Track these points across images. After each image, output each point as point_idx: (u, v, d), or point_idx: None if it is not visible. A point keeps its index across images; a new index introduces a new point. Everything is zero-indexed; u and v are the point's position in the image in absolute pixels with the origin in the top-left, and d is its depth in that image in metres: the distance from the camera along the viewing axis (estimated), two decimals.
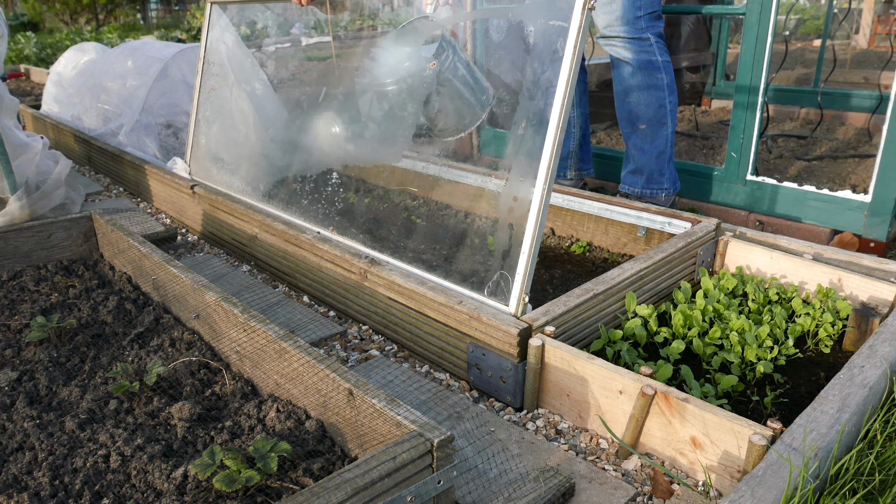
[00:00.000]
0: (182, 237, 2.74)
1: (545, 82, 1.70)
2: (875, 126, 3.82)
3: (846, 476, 1.16)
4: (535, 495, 1.22)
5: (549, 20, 1.75)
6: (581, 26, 1.46)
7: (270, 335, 1.42)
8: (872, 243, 2.37)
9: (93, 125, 3.84)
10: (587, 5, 1.45)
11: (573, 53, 1.47)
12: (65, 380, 1.53)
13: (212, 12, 2.64)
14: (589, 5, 1.45)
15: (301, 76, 3.10)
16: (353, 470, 1.01)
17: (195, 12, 11.40)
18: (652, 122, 2.51)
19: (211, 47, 2.68)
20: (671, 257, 1.89)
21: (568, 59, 1.48)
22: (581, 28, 1.46)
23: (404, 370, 1.70)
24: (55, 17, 19.56)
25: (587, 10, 1.45)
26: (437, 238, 2.36)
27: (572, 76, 1.48)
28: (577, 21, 1.46)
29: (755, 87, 2.54)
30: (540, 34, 1.83)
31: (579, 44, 1.47)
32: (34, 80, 7.27)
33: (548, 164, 1.51)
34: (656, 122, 2.50)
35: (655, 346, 1.72)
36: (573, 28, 1.47)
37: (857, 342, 1.70)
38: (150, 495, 1.16)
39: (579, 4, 1.46)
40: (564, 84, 1.48)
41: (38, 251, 2.14)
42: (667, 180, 2.58)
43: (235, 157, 2.78)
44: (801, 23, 9.71)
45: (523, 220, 1.57)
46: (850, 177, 3.02)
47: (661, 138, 2.52)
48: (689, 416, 1.26)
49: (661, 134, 2.52)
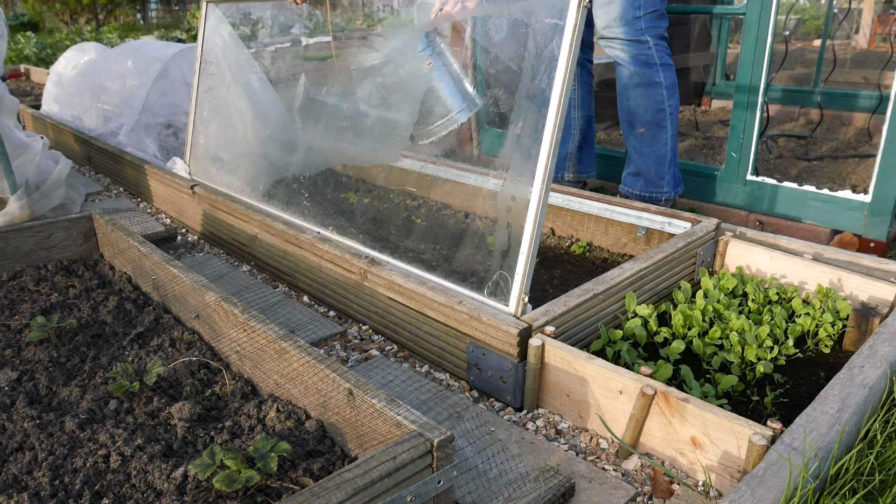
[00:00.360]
0: (182, 237, 2.74)
1: (541, 81, 1.70)
2: (875, 126, 3.82)
3: (846, 476, 1.16)
4: (535, 495, 1.22)
5: (545, 18, 1.75)
6: (577, 24, 1.45)
7: (270, 335, 1.42)
8: (872, 243, 2.37)
9: (93, 125, 3.84)
10: (583, 3, 1.44)
11: (569, 52, 1.46)
12: (65, 380, 1.53)
13: (208, 11, 2.63)
14: (584, 3, 1.44)
15: (300, 76, 3.10)
16: (353, 470, 1.01)
17: (195, 12, 11.40)
18: (650, 125, 2.49)
19: (208, 47, 2.67)
20: (671, 257, 1.89)
21: (564, 59, 1.47)
22: (577, 26, 1.45)
23: (404, 370, 1.70)
24: (55, 17, 19.56)
25: (583, 8, 1.45)
26: (436, 238, 2.36)
27: (569, 75, 1.47)
28: (573, 18, 1.46)
29: (755, 87, 2.54)
30: (537, 32, 1.83)
31: (575, 42, 1.46)
32: (34, 80, 7.27)
33: (545, 164, 1.51)
34: (655, 125, 2.49)
35: (655, 346, 1.72)
36: (569, 25, 1.46)
37: (857, 342, 1.70)
38: (150, 495, 1.16)
39: (575, 2, 1.45)
40: (561, 83, 1.48)
41: (38, 251, 2.14)
42: (667, 184, 2.56)
43: (235, 156, 2.78)
44: (801, 23, 9.71)
45: (522, 219, 1.57)
46: (850, 177, 3.02)
47: (660, 142, 2.50)
48: (689, 416, 1.26)
49: (660, 137, 2.50)
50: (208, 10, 2.63)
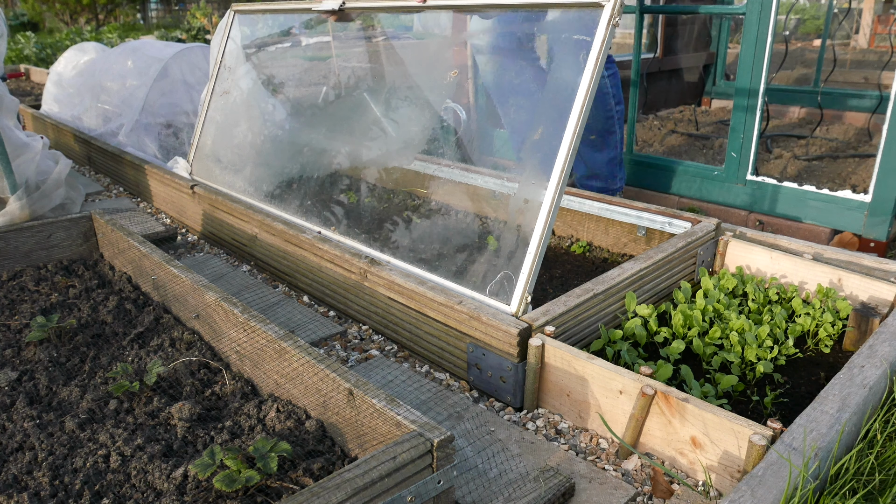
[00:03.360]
0: (182, 237, 2.74)
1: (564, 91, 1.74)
2: (875, 126, 3.82)
3: (846, 476, 1.16)
4: (535, 495, 1.22)
5: (572, 34, 1.78)
6: (605, 39, 1.50)
7: (270, 335, 1.42)
8: (872, 243, 2.37)
9: (93, 125, 3.84)
10: (612, 21, 1.48)
11: (595, 64, 1.51)
12: (65, 380, 1.53)
13: (234, 20, 2.72)
14: (614, 21, 1.49)
15: (303, 77, 3.10)
16: (353, 470, 1.01)
17: (195, 12, 11.38)
18: (601, 132, 2.71)
19: (228, 53, 2.77)
20: (671, 257, 1.89)
21: (589, 70, 1.53)
22: (605, 41, 1.50)
23: (404, 370, 1.70)
24: (55, 17, 19.55)
25: (611, 26, 1.49)
26: (436, 238, 2.36)
27: (592, 85, 1.52)
28: (602, 34, 1.51)
29: (755, 87, 2.54)
30: (561, 45, 1.86)
31: (602, 55, 1.51)
32: (34, 80, 7.27)
33: (561, 168, 1.53)
34: (605, 131, 2.71)
35: (655, 346, 1.72)
36: (597, 41, 1.51)
37: (857, 342, 1.70)
38: (150, 495, 1.16)
39: (604, 20, 1.49)
40: (584, 92, 1.53)
41: (38, 251, 2.14)
42: (619, 180, 2.83)
43: (240, 157, 2.79)
44: (801, 23, 9.71)
45: (532, 221, 1.58)
46: (850, 177, 3.02)
47: (610, 146, 2.73)
48: (689, 416, 1.26)
49: (610, 141, 2.73)
50: (234, 18, 2.71)
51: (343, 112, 2.66)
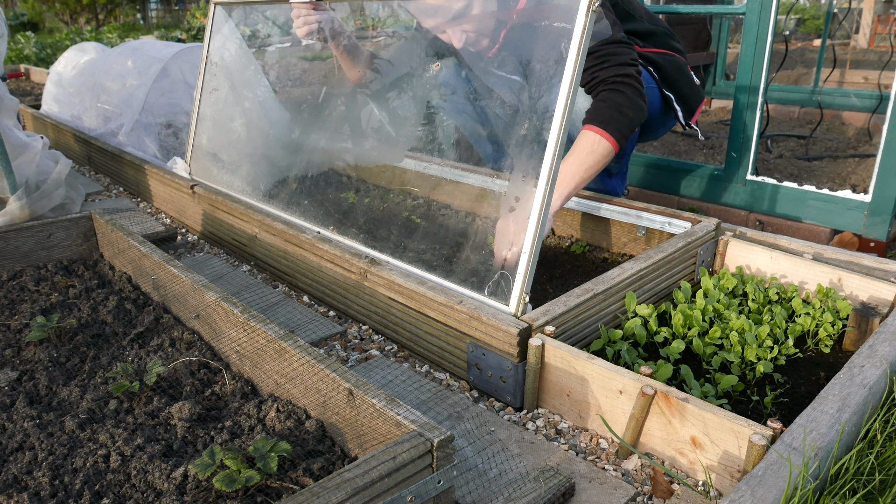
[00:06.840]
0: (182, 237, 2.74)
1: (549, 83, 1.71)
2: (875, 126, 3.82)
3: (846, 476, 1.16)
4: (535, 495, 1.22)
5: (553, 21, 1.75)
6: (585, 27, 1.46)
7: (270, 335, 1.42)
8: (872, 243, 2.37)
9: (93, 125, 3.84)
10: (591, 7, 1.45)
11: (577, 55, 1.47)
12: (65, 380, 1.53)
13: (215, 13, 2.65)
14: (593, 7, 1.45)
15: (301, 76, 3.10)
16: (353, 470, 1.01)
17: (195, 12, 11.39)
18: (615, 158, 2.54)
19: (213, 48, 2.68)
20: (671, 257, 1.89)
21: (571, 62, 1.48)
22: (585, 29, 1.46)
23: (404, 370, 1.70)
24: (55, 17, 19.56)
25: (591, 12, 1.45)
26: (437, 238, 2.36)
27: (575, 77, 1.48)
28: (582, 23, 1.46)
29: (755, 86, 2.54)
30: (544, 34, 1.83)
31: (583, 46, 1.47)
32: (34, 80, 7.27)
33: (550, 164, 1.51)
34: (618, 156, 2.51)
35: (655, 346, 1.72)
36: (577, 29, 1.47)
37: (857, 342, 1.70)
38: (150, 495, 1.16)
39: (584, 6, 1.46)
40: (568, 85, 1.48)
41: (38, 251, 2.14)
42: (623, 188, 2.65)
43: (236, 156, 2.78)
44: (801, 23, 9.71)
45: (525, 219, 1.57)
46: (850, 177, 3.02)
47: (621, 172, 2.53)
48: (689, 416, 1.26)
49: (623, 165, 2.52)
50: (216, 11, 2.64)
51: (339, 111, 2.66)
